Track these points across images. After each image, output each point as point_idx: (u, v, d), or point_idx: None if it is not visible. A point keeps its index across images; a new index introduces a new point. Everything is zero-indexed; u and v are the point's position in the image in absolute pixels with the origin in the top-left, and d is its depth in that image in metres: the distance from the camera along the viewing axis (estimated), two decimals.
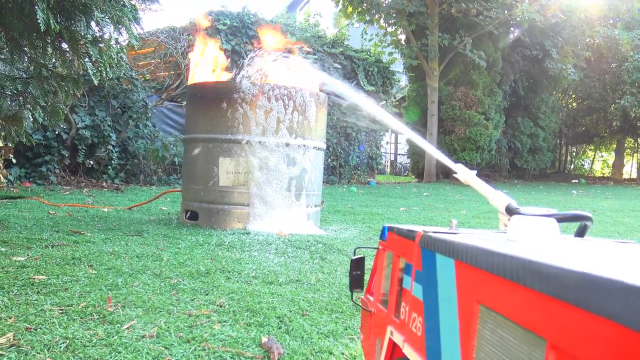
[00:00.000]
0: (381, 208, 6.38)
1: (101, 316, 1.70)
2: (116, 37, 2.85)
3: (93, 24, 2.64)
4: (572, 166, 24.30)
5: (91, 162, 7.66)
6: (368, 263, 1.11)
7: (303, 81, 4.17)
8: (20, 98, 2.98)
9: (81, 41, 2.55)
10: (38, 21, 2.16)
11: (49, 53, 2.70)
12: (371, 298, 1.02)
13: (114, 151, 7.83)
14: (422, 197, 8.61)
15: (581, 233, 0.84)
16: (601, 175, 24.52)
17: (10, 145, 4.12)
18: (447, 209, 6.55)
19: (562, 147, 22.90)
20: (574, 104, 21.86)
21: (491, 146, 15.33)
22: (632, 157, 23.79)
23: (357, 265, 1.07)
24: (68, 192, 6.42)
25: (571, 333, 0.42)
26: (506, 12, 14.23)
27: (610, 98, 18.74)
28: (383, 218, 5.31)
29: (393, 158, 23.91)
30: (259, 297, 2.01)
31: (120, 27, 2.66)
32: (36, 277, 2.14)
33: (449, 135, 14.81)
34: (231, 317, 1.76)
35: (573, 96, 21.73)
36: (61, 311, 1.73)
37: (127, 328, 1.60)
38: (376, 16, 14.79)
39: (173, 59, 9.66)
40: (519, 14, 13.99)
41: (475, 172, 1.09)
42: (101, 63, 2.65)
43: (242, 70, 4.00)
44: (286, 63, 4.12)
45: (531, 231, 0.71)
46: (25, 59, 2.86)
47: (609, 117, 19.48)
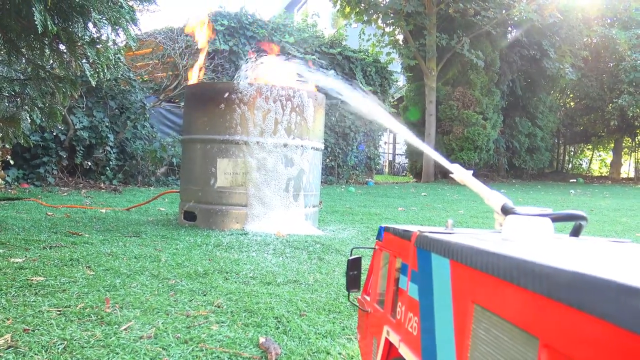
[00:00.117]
0: (379, 208, 6.39)
1: (99, 317, 1.70)
2: (113, 39, 2.85)
3: (90, 25, 2.64)
4: (570, 166, 24.33)
5: (89, 163, 7.65)
6: (365, 263, 1.12)
7: (300, 82, 4.17)
8: (17, 99, 2.97)
9: (78, 42, 2.56)
10: (35, 22, 2.16)
11: (47, 54, 2.70)
12: (368, 298, 1.02)
13: (112, 152, 7.82)
14: (420, 197, 8.62)
15: (576, 232, 0.84)
16: (599, 174, 24.55)
17: (7, 146, 4.12)
18: (445, 209, 6.56)
19: (560, 147, 22.94)
20: (572, 104, 21.90)
21: (489, 146, 15.35)
22: (630, 157, 23.83)
23: (354, 265, 1.07)
24: (66, 194, 6.41)
25: (564, 332, 0.42)
26: (504, 12, 14.25)
27: (607, 97, 18.77)
28: (381, 218, 5.31)
29: (391, 158, 23.91)
30: (257, 298, 2.01)
31: (117, 29, 2.66)
32: (34, 279, 2.14)
33: (447, 135, 14.82)
34: (229, 318, 1.76)
35: (571, 96, 21.77)
36: (59, 312, 1.73)
37: (125, 329, 1.60)
38: (374, 16, 14.81)
39: (171, 60, 9.65)
40: (517, 14, 14.01)
41: (471, 172, 1.10)
42: (99, 64, 2.65)
43: (241, 71, 4.00)
44: (283, 65, 4.12)
45: (526, 231, 0.71)
46: (22, 61, 2.86)
47: (607, 117, 19.52)
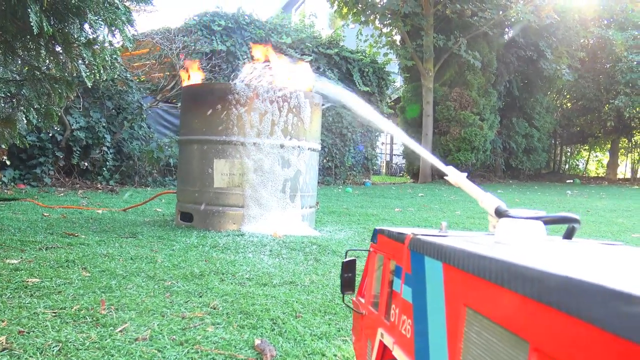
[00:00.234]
0: (376, 209, 6.39)
1: (94, 319, 1.70)
2: (110, 40, 2.85)
3: (87, 27, 2.64)
4: (567, 166, 24.39)
5: (86, 164, 7.64)
6: (360, 265, 1.12)
7: (297, 83, 4.17)
8: (13, 100, 2.97)
9: (74, 44, 2.55)
10: (31, 24, 2.16)
11: (43, 55, 2.70)
12: (362, 300, 1.03)
13: (109, 153, 7.81)
14: (417, 198, 8.62)
15: (569, 235, 0.84)
16: (595, 175, 24.61)
17: (3, 147, 4.11)
18: (442, 210, 6.57)
19: (557, 148, 22.98)
20: (569, 105, 21.95)
21: (486, 146, 15.38)
22: (626, 157, 23.89)
23: (348, 267, 1.07)
24: (62, 194, 6.40)
25: (553, 336, 0.42)
26: (501, 13, 14.28)
27: (604, 98, 18.82)
28: (378, 219, 5.32)
29: (388, 158, 23.92)
30: (253, 299, 2.01)
31: (114, 30, 2.65)
32: (29, 280, 2.13)
33: (444, 135, 14.84)
34: (224, 320, 1.76)
35: (567, 96, 21.82)
36: (54, 314, 1.73)
37: (120, 331, 1.60)
38: (371, 17, 14.82)
39: (168, 60, 9.63)
40: (514, 15, 14.04)
41: (465, 175, 1.10)
42: (94, 66, 2.65)
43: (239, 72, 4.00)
44: (280, 67, 4.12)
45: (518, 234, 0.72)
46: (18, 62, 2.85)
47: (603, 118, 19.57)
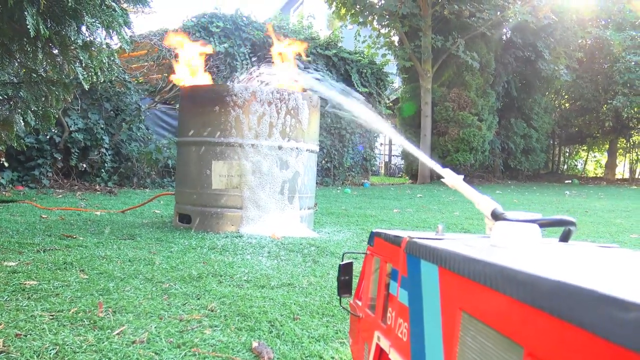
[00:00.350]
0: (375, 210, 6.39)
1: (92, 322, 1.69)
2: (107, 42, 2.84)
3: (84, 29, 2.63)
4: (565, 167, 24.40)
5: (84, 165, 7.63)
6: (357, 267, 1.12)
7: (295, 84, 4.17)
8: (10, 103, 2.96)
9: (71, 46, 2.55)
10: (27, 26, 2.16)
11: (40, 58, 2.70)
12: (359, 303, 1.03)
13: (107, 154, 7.81)
14: (416, 199, 8.63)
15: (565, 238, 0.84)
16: (594, 175, 24.64)
17: (1, 149, 4.10)
18: (441, 211, 6.57)
19: (555, 148, 23.00)
20: (567, 105, 21.97)
21: (484, 147, 15.38)
22: (625, 158, 23.91)
23: (345, 270, 1.07)
24: (61, 196, 6.39)
25: (547, 341, 0.43)
26: (498, 14, 14.29)
27: (602, 99, 18.85)
28: (376, 220, 5.32)
29: (387, 159, 23.93)
30: (251, 301, 2.01)
31: (111, 32, 2.65)
32: (27, 283, 2.13)
33: (443, 136, 14.84)
34: (222, 322, 1.76)
35: (566, 97, 21.84)
36: (52, 317, 1.72)
37: (118, 334, 1.59)
38: (369, 18, 14.82)
39: (166, 62, 9.63)
40: (511, 15, 14.06)
41: (462, 177, 1.10)
42: (92, 68, 2.64)
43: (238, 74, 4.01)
44: (278, 68, 4.12)
45: (513, 237, 0.72)
46: (15, 64, 2.85)
47: (602, 118, 19.60)
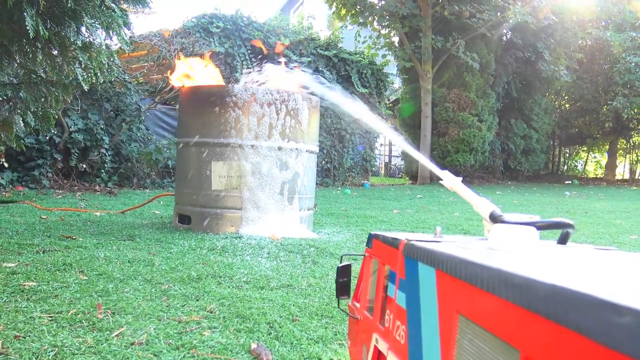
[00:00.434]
0: (375, 210, 6.39)
1: (91, 323, 1.69)
2: (106, 43, 2.84)
3: (83, 30, 2.63)
4: (566, 167, 24.40)
5: (84, 166, 7.63)
6: (356, 269, 1.12)
7: (294, 85, 4.17)
8: (10, 103, 2.96)
9: (71, 47, 2.55)
10: (27, 27, 2.16)
11: (39, 59, 2.70)
12: (358, 305, 1.03)
13: (107, 154, 7.81)
14: (416, 199, 8.63)
15: (563, 240, 0.84)
16: (594, 176, 24.64)
17: (1, 149, 4.10)
18: (441, 212, 6.57)
19: (555, 149, 23.00)
20: (567, 106, 21.97)
21: (485, 148, 15.39)
22: (625, 158, 23.92)
23: (344, 272, 1.07)
24: (61, 196, 6.39)
25: (543, 345, 0.42)
26: (499, 15, 14.30)
27: (602, 99, 18.85)
28: (376, 221, 5.31)
29: (387, 160, 23.94)
30: (250, 303, 2.01)
31: (110, 32, 2.65)
32: (26, 284, 2.13)
33: (443, 137, 14.85)
34: (221, 323, 1.76)
35: (566, 98, 21.85)
36: (51, 318, 1.72)
37: (117, 335, 1.59)
38: (369, 18, 14.83)
39: (166, 62, 9.64)
40: (512, 16, 14.06)
41: (460, 179, 1.10)
42: (91, 69, 2.64)
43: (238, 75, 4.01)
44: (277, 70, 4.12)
45: (511, 239, 0.72)
46: (14, 65, 2.85)
47: (602, 119, 19.60)
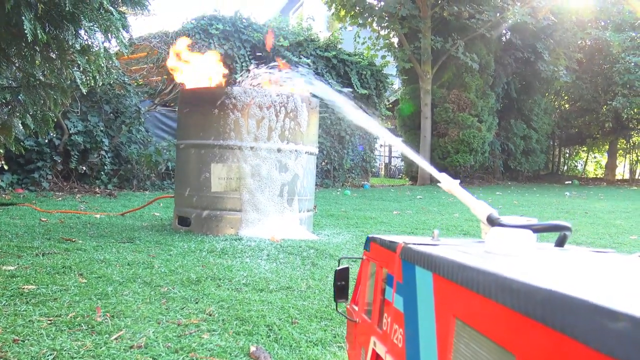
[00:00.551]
0: (375, 212, 6.39)
1: (90, 326, 1.69)
2: (105, 46, 2.84)
3: (82, 33, 2.63)
4: (566, 167, 24.39)
5: (84, 168, 7.63)
6: (353, 272, 1.12)
7: (294, 86, 4.17)
8: (9, 106, 2.96)
9: (69, 50, 2.55)
10: (25, 31, 2.16)
11: (38, 62, 2.69)
12: (356, 308, 1.02)
13: (107, 157, 7.81)
14: (416, 200, 8.62)
15: (561, 243, 0.84)
16: (594, 176, 24.63)
17: (1, 151, 4.11)
18: (441, 212, 6.56)
19: (555, 149, 23.00)
20: (567, 106, 21.98)
21: (484, 148, 15.38)
22: (625, 158, 23.91)
23: (342, 275, 1.07)
24: (61, 198, 6.39)
25: (538, 350, 0.42)
26: (498, 15, 14.30)
27: (602, 99, 18.86)
28: (376, 222, 5.31)
29: (387, 161, 23.93)
30: (249, 305, 2.01)
31: (109, 35, 2.65)
32: (26, 287, 2.13)
33: (443, 137, 14.85)
34: (220, 326, 1.75)
35: (565, 98, 21.86)
36: (50, 322, 1.72)
37: (116, 339, 1.59)
38: (369, 19, 14.84)
39: (166, 64, 9.64)
40: (511, 17, 14.07)
41: (458, 181, 1.10)
42: (89, 72, 2.64)
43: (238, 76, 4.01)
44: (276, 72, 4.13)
45: (508, 243, 0.71)
46: (13, 68, 2.84)
47: (601, 119, 19.60)
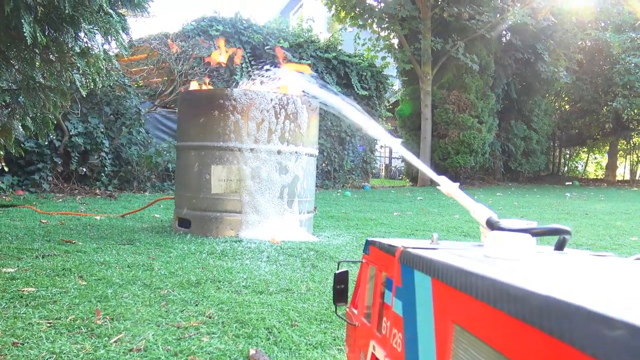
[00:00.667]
0: (375, 213, 6.39)
1: (89, 329, 1.69)
2: (105, 49, 2.84)
3: (81, 35, 2.63)
4: (566, 168, 24.40)
5: (84, 170, 7.63)
6: (353, 275, 1.11)
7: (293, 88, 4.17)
8: (9, 109, 2.96)
9: (69, 53, 2.55)
10: (25, 34, 2.16)
11: (37, 65, 2.69)
12: (355, 311, 1.02)
13: (107, 158, 7.81)
14: (416, 201, 8.62)
15: (560, 246, 0.84)
16: (595, 177, 24.63)
17: (1, 153, 4.11)
18: (441, 214, 6.56)
19: (556, 150, 23.01)
20: (567, 107, 21.99)
21: (485, 149, 15.39)
22: (625, 159, 23.91)
23: (341, 279, 1.06)
24: (61, 200, 6.39)
25: (537, 357, 0.42)
26: (498, 16, 14.31)
27: (602, 100, 18.86)
28: (376, 223, 5.31)
29: (387, 162, 23.93)
30: (249, 308, 2.01)
31: (109, 38, 2.65)
32: (25, 289, 2.13)
33: (443, 138, 14.85)
34: (220, 329, 1.75)
35: (566, 99, 21.86)
36: (49, 325, 1.72)
37: (115, 341, 1.59)
38: (369, 21, 14.85)
39: (166, 65, 9.65)
40: (511, 18, 14.08)
41: (457, 184, 1.10)
42: (89, 75, 2.64)
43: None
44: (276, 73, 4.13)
45: (507, 247, 0.71)
46: (12, 71, 2.85)
47: (602, 119, 19.60)
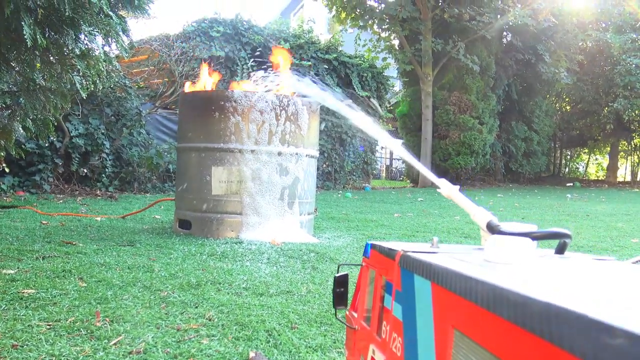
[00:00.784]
0: (375, 214, 6.38)
1: (89, 331, 1.69)
2: (105, 50, 2.84)
3: (82, 37, 2.63)
4: (567, 169, 24.40)
5: (85, 171, 7.64)
6: (353, 278, 1.11)
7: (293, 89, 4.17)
8: (9, 111, 2.96)
9: (69, 55, 2.55)
10: (25, 36, 2.16)
11: (38, 67, 2.69)
12: (355, 315, 1.02)
13: (108, 159, 7.81)
14: (417, 203, 8.62)
15: (561, 250, 0.84)
16: (595, 178, 24.62)
17: (2, 154, 4.12)
18: (442, 215, 6.56)
19: (557, 151, 23.01)
20: (568, 108, 21.99)
21: (486, 150, 15.39)
22: (626, 160, 23.89)
23: (340, 282, 1.06)
24: (62, 201, 6.39)
25: None
26: (498, 17, 14.32)
27: (603, 101, 18.87)
28: (377, 224, 5.31)
29: (388, 163, 23.93)
30: (249, 310, 2.00)
31: (109, 40, 2.65)
32: (25, 291, 2.13)
33: (444, 139, 14.85)
34: (220, 331, 1.75)
35: (566, 100, 21.86)
36: (49, 327, 1.72)
37: (115, 344, 1.59)
38: (369, 22, 14.86)
39: (167, 66, 9.66)
40: (511, 19, 14.08)
41: (457, 187, 1.10)
42: (89, 77, 2.64)
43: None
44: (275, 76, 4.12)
45: (507, 251, 0.71)
46: (13, 73, 2.84)
47: (603, 120, 19.60)
